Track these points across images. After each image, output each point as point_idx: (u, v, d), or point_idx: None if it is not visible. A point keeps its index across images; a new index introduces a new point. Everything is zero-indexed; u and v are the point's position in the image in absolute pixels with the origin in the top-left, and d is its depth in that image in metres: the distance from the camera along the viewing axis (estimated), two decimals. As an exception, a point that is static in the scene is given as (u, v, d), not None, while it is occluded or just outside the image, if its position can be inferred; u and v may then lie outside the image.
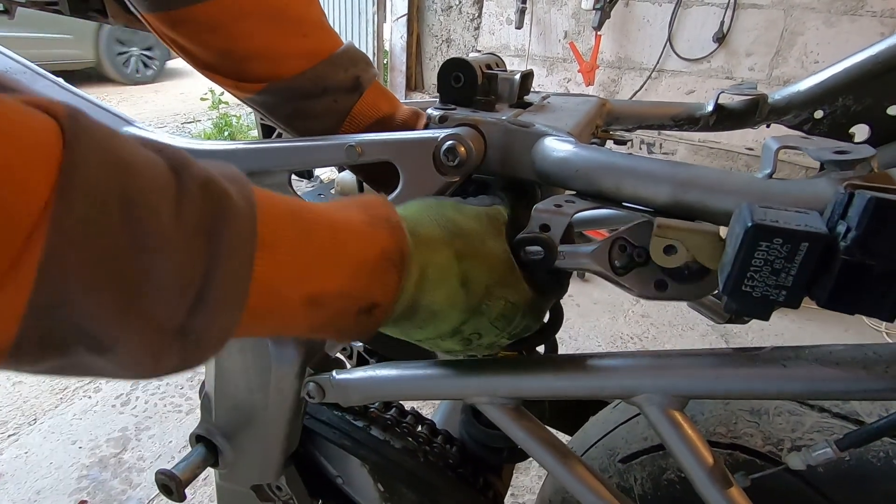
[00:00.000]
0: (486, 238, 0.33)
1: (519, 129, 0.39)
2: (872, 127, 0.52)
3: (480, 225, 0.34)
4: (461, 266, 0.31)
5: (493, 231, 0.34)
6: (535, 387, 0.37)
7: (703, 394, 0.33)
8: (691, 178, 0.31)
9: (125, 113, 0.50)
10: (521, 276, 0.34)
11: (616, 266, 0.33)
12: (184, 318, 0.19)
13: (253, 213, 0.22)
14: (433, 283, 0.30)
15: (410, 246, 0.29)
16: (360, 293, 0.27)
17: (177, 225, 0.18)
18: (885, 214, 0.22)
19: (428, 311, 0.31)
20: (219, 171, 0.21)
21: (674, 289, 0.32)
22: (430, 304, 0.31)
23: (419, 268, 0.29)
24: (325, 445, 0.58)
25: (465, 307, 0.31)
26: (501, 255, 0.33)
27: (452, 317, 0.32)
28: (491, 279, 0.32)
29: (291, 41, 0.44)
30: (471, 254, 0.32)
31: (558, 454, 0.38)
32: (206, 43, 0.42)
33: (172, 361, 0.20)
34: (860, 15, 2.00)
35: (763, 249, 0.24)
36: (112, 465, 1.23)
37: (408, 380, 0.42)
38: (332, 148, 0.42)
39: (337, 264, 0.26)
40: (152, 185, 0.18)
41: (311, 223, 0.26)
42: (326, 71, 0.45)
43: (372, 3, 3.04)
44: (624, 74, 2.49)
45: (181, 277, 0.19)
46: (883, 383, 0.28)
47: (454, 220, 0.33)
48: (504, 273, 0.33)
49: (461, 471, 0.56)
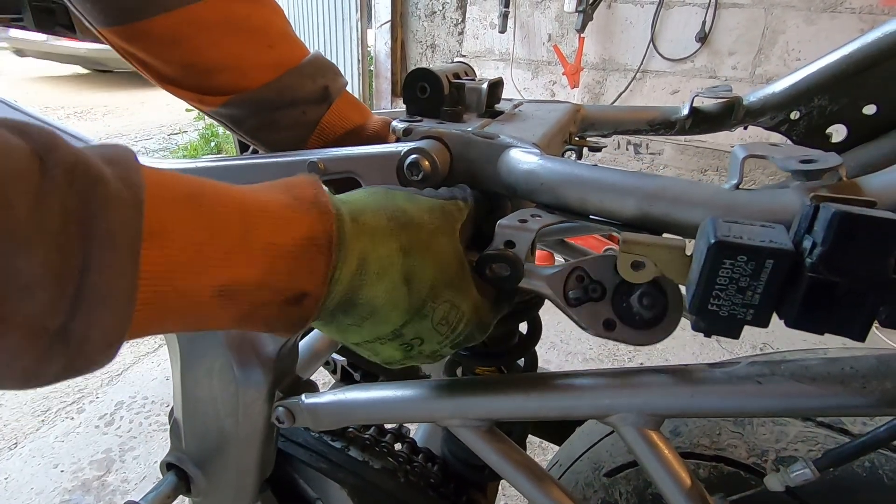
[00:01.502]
0: (437, 233, 0.31)
1: (483, 140, 0.38)
2: (849, 127, 0.51)
3: (433, 218, 0.31)
4: (406, 261, 0.29)
5: (447, 227, 0.32)
6: (507, 408, 0.36)
7: (678, 412, 0.32)
8: (657, 190, 0.30)
9: (80, 132, 0.49)
10: (471, 279, 0.32)
11: (569, 297, 0.32)
12: (65, 318, 0.17)
13: (138, 198, 0.19)
14: (373, 276, 0.28)
15: (346, 231, 0.27)
16: (281, 283, 0.25)
17: (38, 217, 0.16)
18: (851, 229, 0.21)
19: (367, 308, 0.28)
20: (100, 153, 0.19)
21: (621, 330, 0.31)
22: (369, 300, 0.28)
23: (358, 258, 0.27)
24: (302, 468, 0.57)
25: (407, 307, 0.29)
26: (452, 253, 0.31)
27: (393, 317, 0.29)
28: (437, 279, 0.30)
29: (256, 52, 0.42)
30: (418, 249, 0.29)
31: (533, 477, 0.37)
32: (167, 56, 0.41)
33: (56, 366, 0.18)
34: (840, 12, 2.01)
35: (727, 267, 0.23)
36: (95, 489, 1.20)
37: (378, 403, 0.40)
38: (293, 164, 0.41)
39: (248, 252, 0.24)
40: (5, 173, 0.16)
41: (215, 207, 0.23)
42: (293, 81, 0.44)
43: (355, 10, 3.02)
44: (609, 76, 2.50)
45: (52, 275, 0.17)
46: (860, 399, 0.27)
47: (404, 211, 0.30)
48: (452, 274, 0.31)
49: (443, 490, 0.55)
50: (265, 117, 0.44)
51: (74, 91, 4.75)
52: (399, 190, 0.33)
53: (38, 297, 0.17)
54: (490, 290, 0.34)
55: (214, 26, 0.40)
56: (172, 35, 0.39)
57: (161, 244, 0.20)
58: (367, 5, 2.99)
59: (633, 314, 0.31)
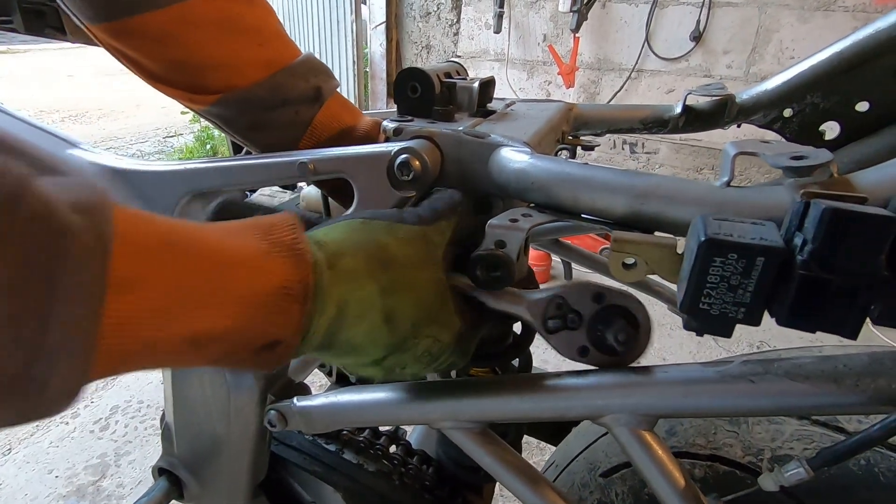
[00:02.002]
0: (419, 268, 0.30)
1: (474, 140, 0.37)
2: (842, 124, 0.51)
3: (415, 251, 0.31)
4: (386, 301, 0.28)
5: (429, 259, 0.31)
6: (500, 409, 0.36)
7: (671, 412, 0.32)
8: (648, 188, 0.30)
9: (71, 135, 0.48)
10: (453, 309, 0.31)
11: (549, 325, 0.33)
12: (22, 366, 0.17)
13: (105, 249, 0.19)
14: (353, 319, 0.28)
15: (324, 280, 0.27)
16: (253, 332, 0.25)
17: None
18: (842, 225, 0.20)
19: (346, 346, 0.29)
20: (73, 200, 0.18)
21: (594, 356, 0.33)
22: (348, 340, 0.28)
23: (337, 304, 0.27)
24: (296, 471, 0.56)
25: (387, 343, 0.29)
26: (433, 288, 0.31)
27: (374, 352, 0.29)
28: (419, 316, 0.30)
29: (247, 50, 0.42)
30: (399, 288, 0.29)
31: (527, 479, 0.36)
32: (158, 54, 0.40)
33: (10, 412, 0.18)
34: (833, 10, 2.02)
35: (718, 265, 0.23)
36: (90, 494, 1.19)
37: (370, 405, 0.40)
38: (284, 165, 0.40)
39: (220, 302, 0.23)
40: None
41: (188, 255, 0.23)
42: (285, 80, 0.43)
43: (350, 12, 3.02)
44: (604, 75, 2.50)
45: (10, 324, 0.16)
46: (854, 397, 0.27)
47: (384, 247, 0.30)
48: (434, 309, 0.30)
49: (438, 493, 0.54)
50: (257, 116, 0.44)
51: (69, 94, 4.73)
52: (379, 219, 0.31)
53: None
54: (471, 314, 0.33)
55: (206, 24, 0.40)
56: (164, 32, 0.39)
57: (127, 296, 0.20)
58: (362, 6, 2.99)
59: (607, 344, 0.32)
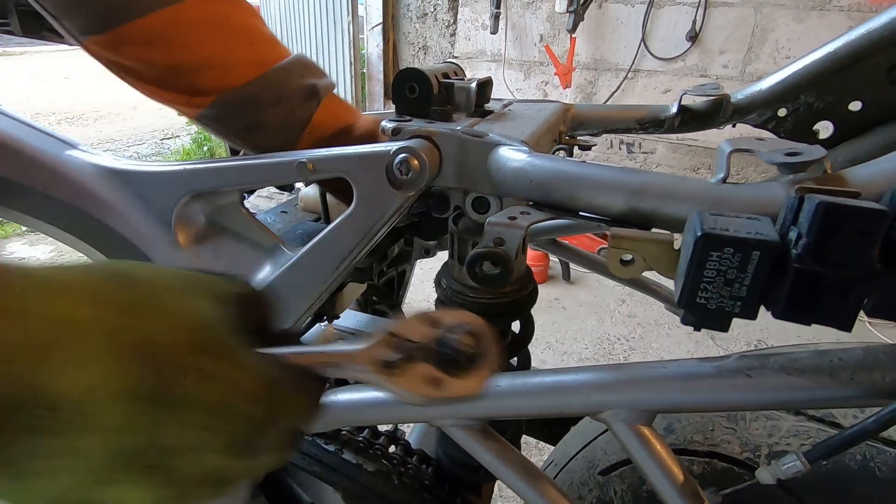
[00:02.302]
0: (176, 291, 0.23)
1: (472, 139, 0.38)
2: (836, 123, 0.52)
3: (174, 279, 0.24)
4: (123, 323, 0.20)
5: (201, 288, 0.24)
6: (499, 406, 0.36)
7: (669, 407, 0.32)
8: (645, 185, 0.30)
9: (69, 136, 0.48)
10: (248, 349, 0.23)
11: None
12: None
13: None
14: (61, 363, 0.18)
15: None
16: None
17: None
18: (835, 219, 0.21)
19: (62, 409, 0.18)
20: None
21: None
22: (59, 393, 0.18)
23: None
24: (295, 472, 0.56)
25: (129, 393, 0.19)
26: (202, 313, 0.22)
27: (108, 415, 0.19)
28: (178, 340, 0.21)
29: (238, 50, 0.42)
30: (142, 308, 0.21)
31: (527, 476, 0.37)
32: (150, 59, 0.41)
33: None
34: (828, 10, 2.03)
35: (714, 259, 0.23)
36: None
37: (369, 404, 0.40)
38: (282, 165, 0.41)
39: None
40: None
41: None
42: (279, 77, 0.43)
43: (347, 13, 3.03)
44: (600, 76, 2.51)
45: None
46: (849, 391, 0.27)
47: (130, 274, 0.22)
48: (206, 337, 0.22)
49: (438, 492, 0.55)
50: (251, 117, 0.44)
51: (65, 96, 4.72)
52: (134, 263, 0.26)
53: None
54: (306, 384, 0.25)
55: (195, 25, 0.40)
56: (156, 35, 0.39)
57: None
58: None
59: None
